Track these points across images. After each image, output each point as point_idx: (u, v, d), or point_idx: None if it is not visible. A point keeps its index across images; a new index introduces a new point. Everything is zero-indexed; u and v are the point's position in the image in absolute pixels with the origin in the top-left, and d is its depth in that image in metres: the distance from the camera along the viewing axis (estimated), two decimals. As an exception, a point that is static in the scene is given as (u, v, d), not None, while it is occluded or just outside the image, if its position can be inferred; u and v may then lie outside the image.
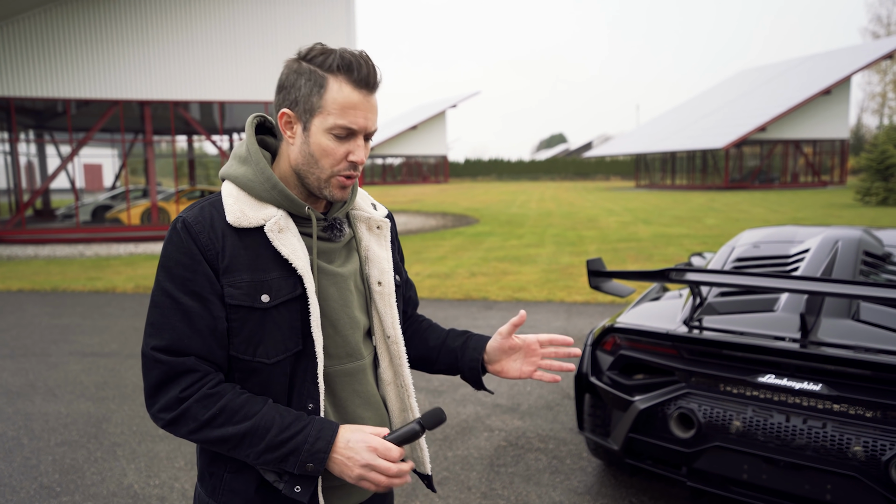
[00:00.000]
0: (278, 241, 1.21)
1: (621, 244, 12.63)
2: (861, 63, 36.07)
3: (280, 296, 1.20)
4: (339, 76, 1.17)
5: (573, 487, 3.31)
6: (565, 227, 16.57)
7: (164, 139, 21.76)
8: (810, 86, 36.18)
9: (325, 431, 1.16)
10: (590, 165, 72.26)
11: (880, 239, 3.45)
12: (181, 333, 1.16)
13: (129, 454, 3.76)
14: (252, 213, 1.21)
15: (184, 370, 1.16)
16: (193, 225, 1.19)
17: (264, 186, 1.23)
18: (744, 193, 31.79)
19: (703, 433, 2.59)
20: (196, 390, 1.15)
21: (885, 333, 2.56)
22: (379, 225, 1.37)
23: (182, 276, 1.18)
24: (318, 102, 1.18)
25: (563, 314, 7.10)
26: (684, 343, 2.74)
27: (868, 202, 22.39)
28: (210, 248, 1.18)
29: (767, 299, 3.00)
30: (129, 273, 10.57)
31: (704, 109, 44.70)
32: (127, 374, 5.27)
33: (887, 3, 71.46)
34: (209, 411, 1.14)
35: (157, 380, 1.16)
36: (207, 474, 1.27)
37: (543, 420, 4.18)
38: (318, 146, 1.20)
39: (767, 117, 34.77)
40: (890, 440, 2.23)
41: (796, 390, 2.44)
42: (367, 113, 1.20)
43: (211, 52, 14.84)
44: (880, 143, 23.41)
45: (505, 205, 26.40)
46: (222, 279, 1.18)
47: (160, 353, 1.16)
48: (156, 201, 15.79)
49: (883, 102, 57.98)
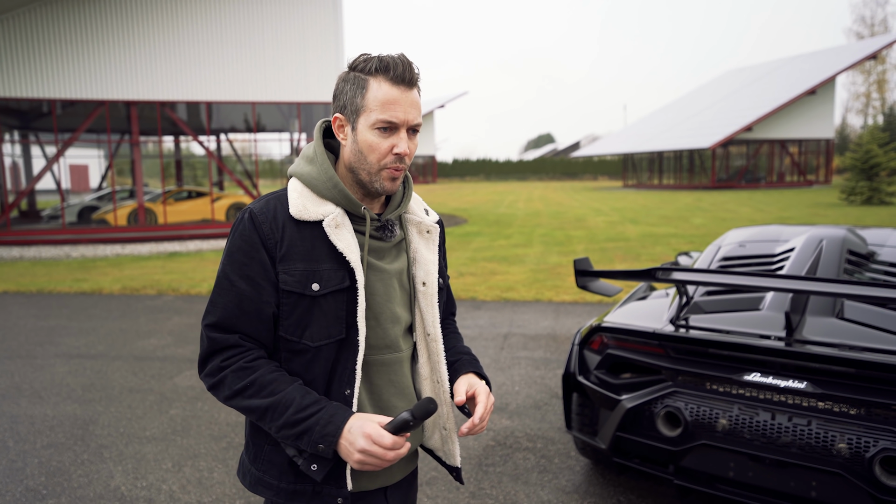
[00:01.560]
0: (335, 235, 1.31)
1: (609, 244, 12.69)
2: (845, 63, 36.43)
3: (329, 286, 1.31)
4: (378, 76, 1.29)
5: (561, 486, 3.32)
6: (553, 226, 16.62)
7: (151, 140, 21.58)
8: (796, 86, 36.50)
9: (337, 417, 1.26)
10: (578, 165, 72.48)
11: (864, 238, 3.49)
12: (231, 313, 1.30)
13: (116, 456, 3.74)
14: (313, 208, 1.32)
15: (227, 345, 1.30)
16: (258, 215, 1.31)
17: (326, 185, 1.34)
18: (730, 193, 32.02)
19: (689, 431, 2.61)
20: (234, 362, 1.29)
21: (868, 331, 2.59)
22: (429, 230, 1.48)
23: (240, 262, 1.30)
24: (362, 102, 1.30)
25: (551, 314, 7.13)
26: (671, 342, 2.76)
27: (853, 201, 22.62)
28: (270, 238, 1.30)
29: (753, 298, 3.02)
30: (116, 274, 10.49)
31: (691, 109, 44.97)
32: (114, 375, 5.23)
33: (871, 4, 72.25)
34: (241, 382, 1.27)
35: (206, 351, 1.32)
36: (252, 443, 1.41)
37: (532, 419, 4.19)
38: (364, 142, 1.31)
39: (753, 117, 35.04)
40: (873, 437, 2.25)
41: (781, 388, 2.46)
42: (406, 107, 1.30)
43: (198, 53, 14.75)
44: (864, 142, 23.67)
45: (493, 205, 26.43)
46: (278, 266, 1.30)
47: (211, 330, 1.31)
48: (143, 202, 15.67)
49: (867, 102, 58.61)
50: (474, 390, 1.43)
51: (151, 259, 12.49)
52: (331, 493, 1.33)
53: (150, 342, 6.28)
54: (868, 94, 58.65)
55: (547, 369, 5.19)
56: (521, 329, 6.47)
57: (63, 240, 14.51)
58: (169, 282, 9.58)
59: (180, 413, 4.41)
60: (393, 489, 1.47)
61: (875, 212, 18.84)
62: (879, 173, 22.73)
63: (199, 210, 17.10)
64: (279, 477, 1.36)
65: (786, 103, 35.11)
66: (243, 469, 1.44)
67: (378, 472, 1.41)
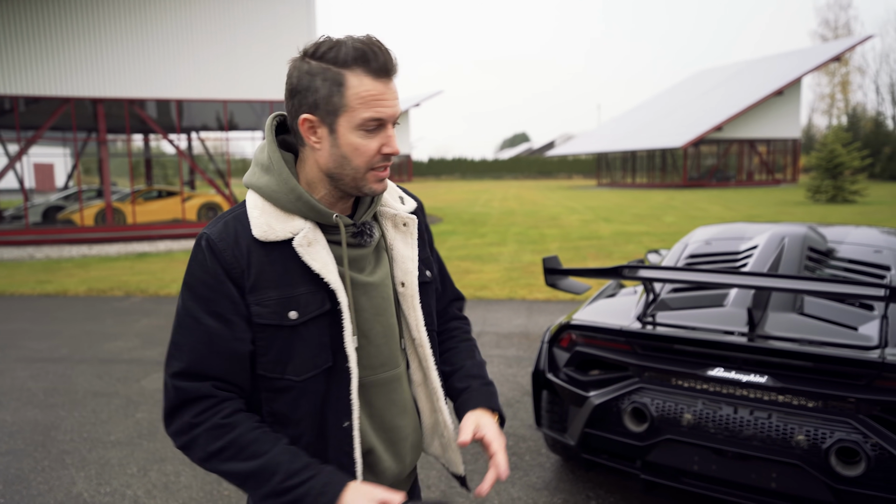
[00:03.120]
0: (308, 255, 1.16)
1: (582, 242, 12.79)
2: (811, 65, 37.24)
3: (308, 312, 1.16)
4: (355, 69, 1.11)
5: (532, 483, 3.34)
6: (528, 225, 16.70)
7: (120, 138, 21.20)
8: (764, 87, 37.20)
9: (331, 486, 1.10)
10: (552, 164, 72.95)
11: (824, 235, 3.57)
12: (199, 356, 1.14)
13: (78, 462, 3.66)
14: (279, 226, 1.16)
15: (198, 395, 1.14)
16: (217, 242, 1.15)
17: (289, 198, 1.17)
18: (701, 191, 32.51)
19: (655, 427, 2.64)
20: (207, 418, 1.13)
21: (827, 326, 2.65)
22: (405, 222, 1.31)
23: (205, 297, 1.15)
24: (341, 101, 1.12)
25: (524, 312, 7.16)
26: (637, 339, 2.79)
27: (818, 200, 23.12)
28: (235, 266, 1.14)
29: (717, 295, 3.07)
30: (82, 276, 10.28)
31: (663, 109, 45.57)
32: (78, 379, 5.13)
33: (834, 7, 73.93)
34: (217, 443, 1.12)
35: (172, 404, 1.15)
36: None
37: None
38: (349, 146, 1.14)
39: (723, 117, 35.63)
40: (830, 429, 2.31)
41: (744, 383, 2.50)
42: (391, 100, 1.14)
43: (168, 50, 14.52)
44: (829, 142, 24.19)
45: (468, 203, 26.48)
46: (248, 297, 1.15)
47: (177, 379, 1.14)
48: (110, 202, 15.38)
49: (832, 103, 59.95)
50: (483, 434, 1.25)
51: (119, 260, 12.27)
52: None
53: (116, 345, 6.17)
54: (832, 95, 60.01)
55: (519, 367, 5.21)
56: (494, 327, 6.48)
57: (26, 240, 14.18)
58: (137, 283, 9.42)
59: (147, 416, 4.33)
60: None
61: (839, 210, 19.28)
62: (843, 172, 23.26)
63: (170, 210, 16.84)
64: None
65: (754, 104, 35.77)
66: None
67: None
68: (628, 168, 45.44)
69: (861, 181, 23.20)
